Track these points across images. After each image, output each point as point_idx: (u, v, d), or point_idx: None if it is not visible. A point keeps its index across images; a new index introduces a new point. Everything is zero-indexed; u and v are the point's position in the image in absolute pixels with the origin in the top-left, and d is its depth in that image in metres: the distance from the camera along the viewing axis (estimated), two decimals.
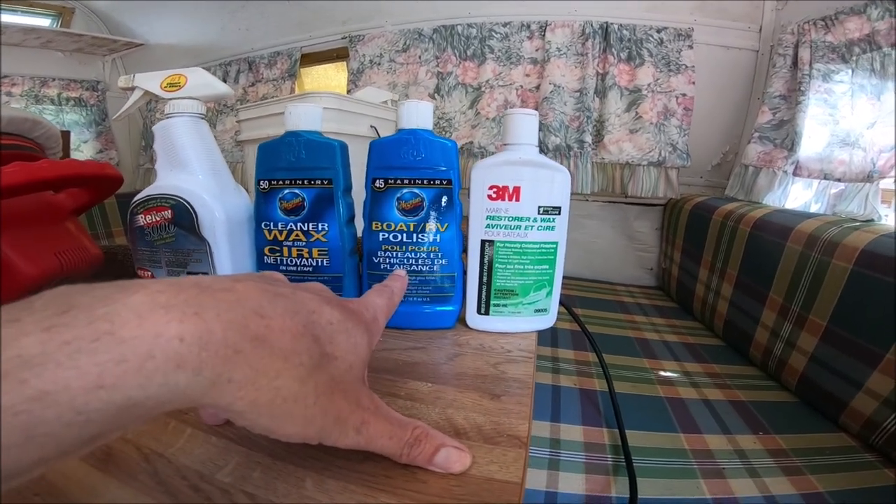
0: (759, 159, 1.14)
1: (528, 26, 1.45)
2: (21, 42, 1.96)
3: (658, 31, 1.32)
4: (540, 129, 1.38)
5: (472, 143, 1.53)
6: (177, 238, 0.39)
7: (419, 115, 0.38)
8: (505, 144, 0.38)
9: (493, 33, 1.49)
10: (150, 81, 0.43)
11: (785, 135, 1.13)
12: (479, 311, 0.40)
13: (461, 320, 0.42)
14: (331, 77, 1.90)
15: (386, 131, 0.98)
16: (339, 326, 0.21)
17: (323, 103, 0.81)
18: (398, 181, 0.38)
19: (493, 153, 1.51)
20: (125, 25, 2.12)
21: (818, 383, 0.75)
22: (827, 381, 0.73)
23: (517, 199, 0.37)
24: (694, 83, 1.29)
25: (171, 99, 0.42)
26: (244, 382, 0.16)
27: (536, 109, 1.41)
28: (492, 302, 0.39)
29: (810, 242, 0.78)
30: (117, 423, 0.14)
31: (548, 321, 0.41)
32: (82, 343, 0.13)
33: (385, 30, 1.70)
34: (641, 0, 1.34)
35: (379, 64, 1.68)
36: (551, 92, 1.36)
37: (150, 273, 0.41)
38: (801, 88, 1.05)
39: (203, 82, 0.43)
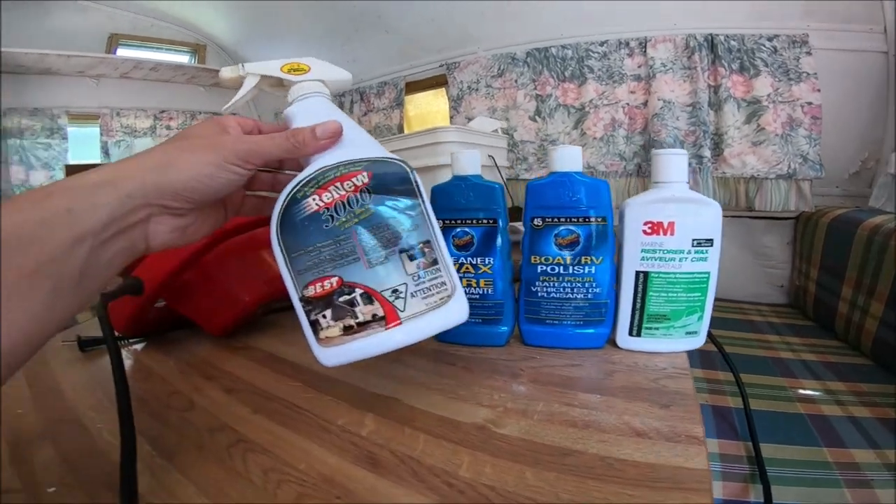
0: None
1: (627, 44, 1.45)
2: (171, 78, 2.30)
3: (769, 40, 1.26)
4: (653, 146, 1.38)
5: None
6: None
7: (571, 159, 0.43)
8: (656, 182, 0.42)
9: (591, 53, 1.50)
10: (268, 67, 0.39)
11: None
12: (630, 333, 0.44)
13: (610, 341, 0.46)
14: (431, 104, 2.03)
15: (499, 159, 1.05)
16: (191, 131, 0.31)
17: (448, 136, 0.89)
18: (556, 220, 0.43)
19: (602, 173, 1.49)
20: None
21: None
22: None
23: (672, 234, 0.41)
24: (819, 90, 1.21)
25: (299, 82, 0.38)
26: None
27: (646, 126, 1.40)
28: (644, 325, 0.43)
29: None
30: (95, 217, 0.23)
31: (697, 342, 0.44)
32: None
33: (478, 55, 1.78)
34: (745, 2, 1.27)
35: (476, 90, 1.76)
36: (661, 108, 1.34)
37: (335, 279, 0.30)
38: None
39: (326, 68, 0.40)
